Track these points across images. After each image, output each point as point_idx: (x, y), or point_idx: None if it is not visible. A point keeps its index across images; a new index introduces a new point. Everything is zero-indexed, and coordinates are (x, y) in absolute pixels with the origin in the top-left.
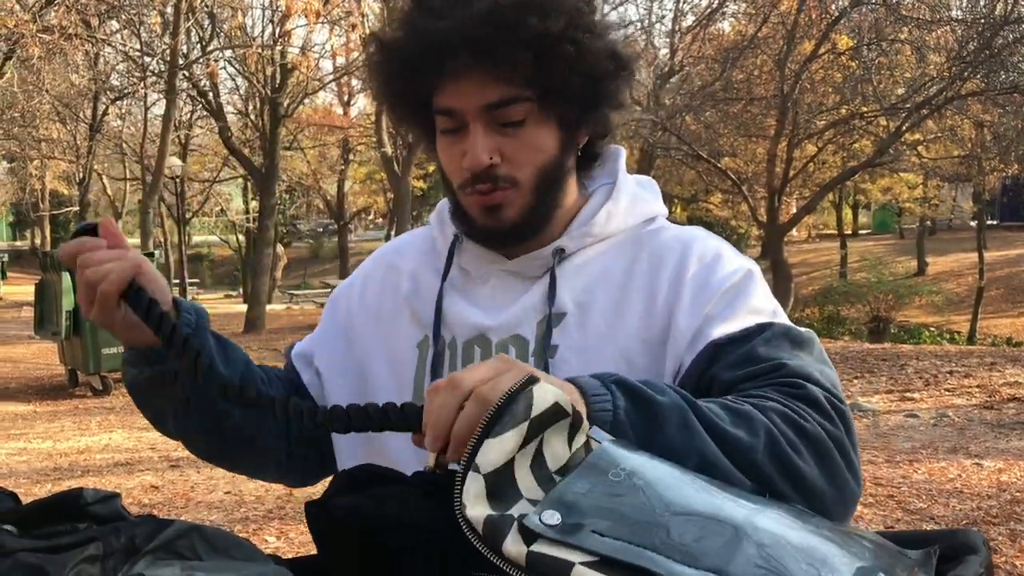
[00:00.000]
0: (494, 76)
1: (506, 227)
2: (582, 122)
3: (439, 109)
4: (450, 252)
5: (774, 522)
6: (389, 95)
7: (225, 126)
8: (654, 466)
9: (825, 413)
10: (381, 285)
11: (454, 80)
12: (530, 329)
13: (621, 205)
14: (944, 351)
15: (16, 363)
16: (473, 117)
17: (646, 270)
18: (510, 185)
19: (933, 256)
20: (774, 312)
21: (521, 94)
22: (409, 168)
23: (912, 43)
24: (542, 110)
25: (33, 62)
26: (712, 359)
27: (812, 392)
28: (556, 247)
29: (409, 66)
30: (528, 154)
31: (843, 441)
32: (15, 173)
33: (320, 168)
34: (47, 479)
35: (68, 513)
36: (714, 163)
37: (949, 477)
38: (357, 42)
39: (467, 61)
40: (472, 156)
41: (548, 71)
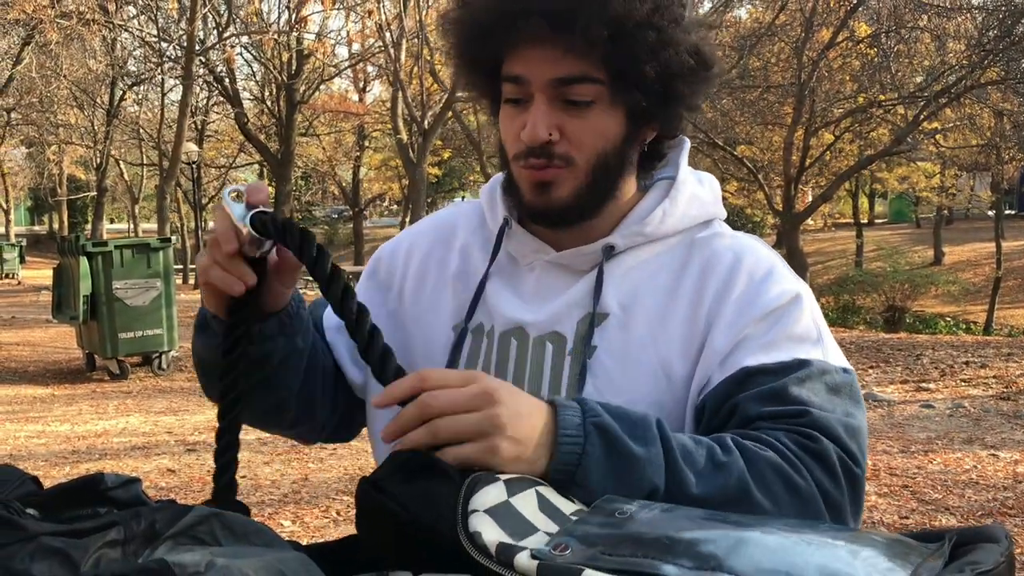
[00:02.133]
0: (567, 50)
1: (554, 207)
2: (652, 117)
3: (507, 76)
4: (499, 236)
5: (780, 531)
6: (461, 57)
7: (241, 112)
8: (656, 505)
9: (831, 472)
10: (427, 254)
11: (527, 48)
12: (570, 327)
13: (679, 206)
14: (960, 341)
15: (35, 347)
16: (539, 88)
17: (695, 278)
18: (565, 164)
19: (950, 246)
20: (816, 341)
21: (592, 74)
22: (424, 155)
23: (931, 31)
24: (612, 95)
25: (51, 48)
26: (741, 385)
27: (824, 449)
28: (606, 244)
29: (484, 28)
30: (589, 137)
31: (840, 504)
32: (33, 158)
33: (335, 154)
34: (65, 462)
35: (89, 497)
36: (730, 151)
37: (965, 468)
38: (373, 28)
39: (543, 30)
40: (531, 129)
41: (625, 54)
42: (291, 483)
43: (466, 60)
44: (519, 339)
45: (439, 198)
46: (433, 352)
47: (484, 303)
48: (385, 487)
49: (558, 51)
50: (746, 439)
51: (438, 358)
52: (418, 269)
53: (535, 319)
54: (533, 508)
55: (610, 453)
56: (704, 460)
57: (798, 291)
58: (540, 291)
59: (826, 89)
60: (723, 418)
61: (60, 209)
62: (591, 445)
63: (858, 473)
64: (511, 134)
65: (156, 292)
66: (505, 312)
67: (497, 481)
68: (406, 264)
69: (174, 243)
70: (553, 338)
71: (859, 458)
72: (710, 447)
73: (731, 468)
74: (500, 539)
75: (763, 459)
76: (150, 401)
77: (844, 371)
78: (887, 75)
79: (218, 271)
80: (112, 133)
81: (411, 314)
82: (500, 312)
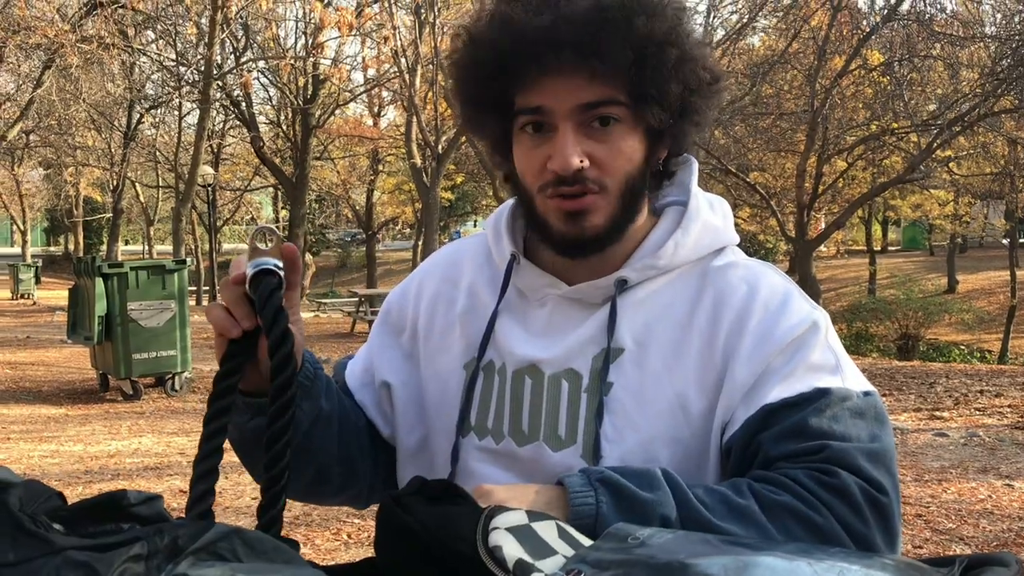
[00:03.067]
0: (592, 76)
1: (589, 234)
2: (667, 134)
3: (526, 108)
4: (507, 272)
5: (792, 556)
6: (468, 92)
7: (257, 136)
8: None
9: (853, 506)
10: (435, 294)
11: (549, 78)
12: (584, 363)
13: (691, 235)
14: (974, 370)
15: (49, 366)
16: (564, 117)
17: (708, 311)
18: (599, 189)
19: (963, 274)
20: (835, 368)
21: (616, 96)
22: (438, 179)
23: (944, 59)
24: (634, 116)
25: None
26: (763, 424)
27: (844, 482)
28: (619, 278)
29: (499, 62)
30: (617, 160)
31: (866, 536)
32: (51, 180)
33: (349, 178)
34: (78, 481)
35: (112, 513)
36: (743, 177)
37: (979, 498)
38: (388, 54)
39: (569, 59)
40: (562, 158)
41: (649, 74)
42: (302, 505)
43: (474, 94)
44: (533, 377)
45: (452, 222)
46: (447, 392)
47: (494, 340)
48: (407, 505)
49: (582, 78)
50: (764, 481)
51: (452, 398)
52: (427, 310)
53: (549, 356)
54: (553, 535)
55: (621, 502)
56: (719, 506)
57: (815, 319)
58: (552, 327)
59: (839, 117)
60: (749, 459)
61: (76, 230)
62: (603, 496)
63: (884, 502)
64: (534, 166)
65: (170, 314)
66: (516, 350)
67: (519, 509)
68: (416, 306)
69: (189, 265)
70: (568, 375)
71: (885, 485)
72: (724, 495)
73: (747, 513)
74: (519, 556)
75: (779, 504)
76: (163, 422)
77: (866, 394)
78: (900, 103)
79: (219, 310)
80: (129, 155)
81: (424, 355)
82: (511, 350)
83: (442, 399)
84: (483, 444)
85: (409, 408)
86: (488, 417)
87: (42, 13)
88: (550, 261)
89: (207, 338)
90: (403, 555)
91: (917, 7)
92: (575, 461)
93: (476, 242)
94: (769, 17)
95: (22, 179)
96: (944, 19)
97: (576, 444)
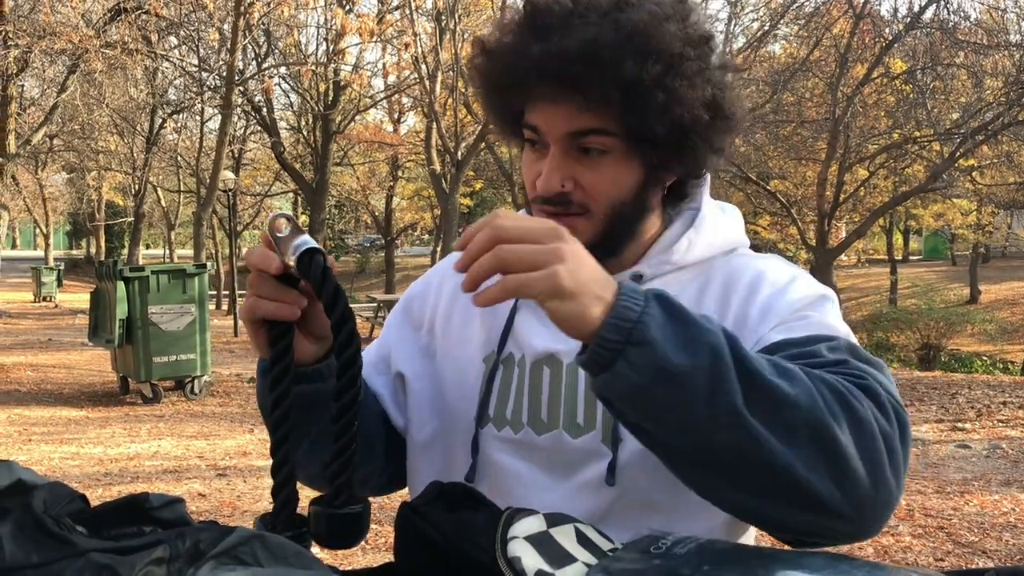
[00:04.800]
0: (581, 107)
1: None
2: (668, 166)
3: (526, 124)
4: None
5: (815, 566)
6: (485, 99)
7: (278, 141)
8: (692, 540)
9: (882, 408)
10: (455, 289)
11: (543, 102)
12: None
13: (703, 235)
14: (997, 381)
15: (70, 369)
16: (554, 141)
17: (717, 294)
18: (582, 212)
19: (986, 284)
20: (846, 334)
21: (606, 127)
22: (457, 185)
23: (968, 68)
24: (626, 147)
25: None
26: (774, 353)
27: (873, 385)
28: (635, 272)
29: (503, 78)
30: (604, 186)
31: (892, 438)
32: (73, 184)
33: (369, 184)
34: (98, 484)
35: (134, 516)
36: (763, 185)
37: (1002, 511)
38: (409, 61)
39: (555, 92)
40: (545, 180)
41: (636, 114)
42: None
43: (491, 105)
44: (551, 367)
45: None
46: (465, 385)
47: (514, 334)
48: (426, 514)
49: (572, 108)
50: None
51: (470, 390)
52: (447, 304)
53: (567, 347)
54: (572, 541)
55: (671, 317)
56: (768, 360)
57: (824, 292)
58: None
59: (861, 125)
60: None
61: (98, 234)
62: (651, 307)
63: (903, 415)
64: (530, 179)
65: (191, 317)
66: (535, 342)
67: (536, 514)
68: (436, 300)
69: (209, 269)
70: None
71: (903, 407)
72: (770, 359)
73: (796, 374)
74: (539, 567)
75: (821, 378)
76: (182, 425)
77: (874, 357)
78: (923, 112)
79: (269, 304)
80: (151, 160)
81: (442, 348)
82: (530, 342)
83: (460, 391)
84: (502, 434)
85: (423, 402)
86: (507, 407)
87: (67, 19)
88: None
89: (226, 342)
90: (422, 563)
91: (940, 15)
92: (595, 447)
93: None
94: (790, 25)
95: (45, 183)
96: (968, 27)
97: (596, 430)
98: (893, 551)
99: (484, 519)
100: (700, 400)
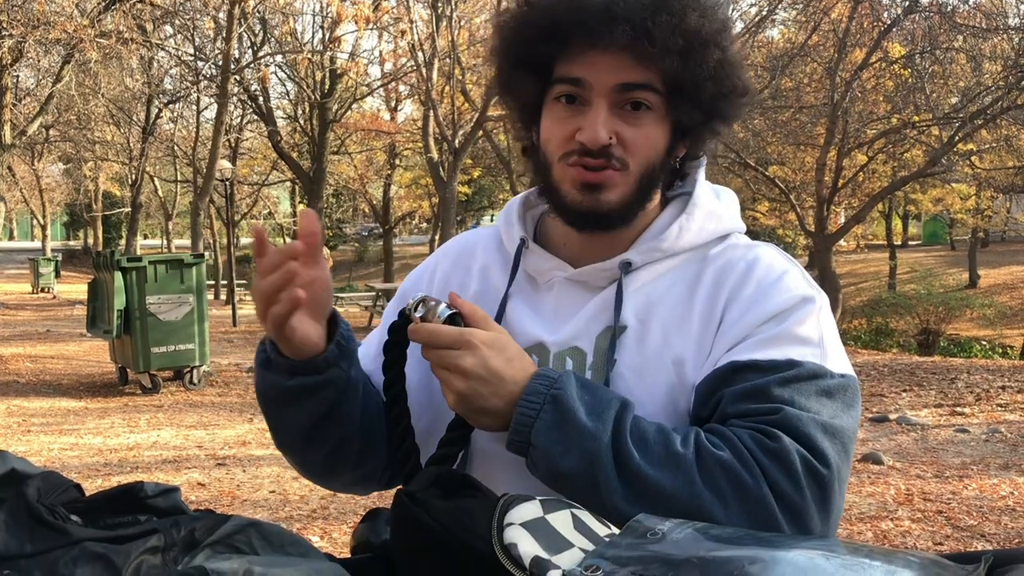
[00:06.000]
0: (637, 58)
1: (602, 208)
2: (691, 133)
3: (565, 77)
4: (516, 257)
5: (813, 551)
6: (512, 52)
7: (275, 130)
8: (688, 524)
9: (790, 472)
10: (448, 278)
11: (596, 52)
12: (589, 342)
13: (695, 221)
14: (996, 365)
15: (69, 360)
16: (600, 93)
17: (708, 288)
18: (621, 167)
19: (985, 268)
20: (817, 344)
21: (655, 83)
22: (455, 173)
23: (967, 51)
24: (667, 107)
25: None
26: (728, 379)
27: (783, 447)
28: (623, 260)
29: (552, 27)
30: (643, 144)
31: (799, 506)
32: (70, 174)
33: (367, 172)
34: (97, 474)
35: (130, 505)
36: (762, 171)
37: (1001, 494)
38: (405, 48)
39: (621, 36)
40: (592, 132)
41: (691, 68)
42: (319, 499)
43: (518, 59)
44: (540, 356)
45: (469, 216)
46: None
47: (505, 323)
48: (422, 501)
49: (626, 59)
50: (710, 434)
51: None
52: (439, 293)
53: (555, 337)
54: (568, 526)
55: (559, 424)
56: (658, 448)
57: (807, 295)
58: (559, 308)
59: (859, 110)
60: (710, 409)
61: (95, 224)
62: (545, 413)
63: (823, 473)
64: (562, 134)
65: (189, 307)
66: (525, 331)
67: (532, 500)
68: (428, 290)
69: (207, 259)
70: (573, 353)
71: (828, 457)
72: (669, 437)
73: (681, 464)
74: (536, 552)
75: (715, 457)
76: (181, 415)
77: (841, 376)
78: (921, 96)
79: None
80: (147, 150)
81: None
82: (520, 331)
83: None
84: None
85: (420, 392)
86: None
87: (61, 8)
88: (560, 245)
89: (225, 332)
90: (418, 550)
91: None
92: None
93: (489, 231)
94: (788, 9)
95: (42, 174)
96: (966, 11)
97: None
98: (892, 535)
99: (480, 506)
100: (588, 496)
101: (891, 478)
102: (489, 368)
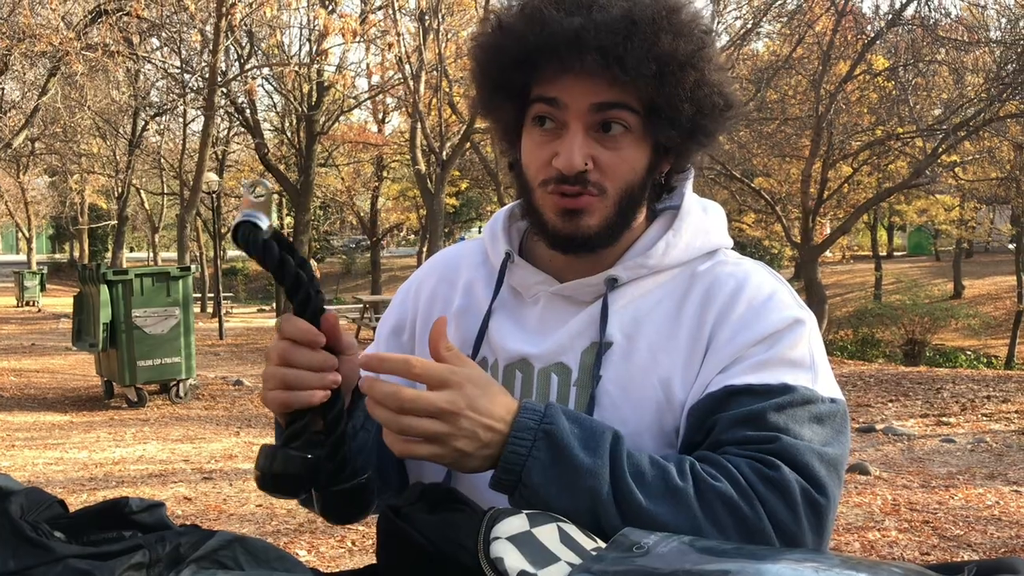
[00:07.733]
0: (611, 82)
1: (582, 233)
2: (673, 151)
3: (542, 97)
4: (501, 271)
5: (798, 563)
6: (488, 76)
7: (262, 143)
8: (674, 537)
9: (789, 502)
10: (432, 293)
11: (570, 76)
12: (573, 358)
13: (682, 237)
14: (981, 375)
15: (54, 374)
16: (576, 115)
17: (696, 306)
18: (598, 192)
19: (970, 279)
20: (809, 368)
21: (630, 103)
22: (442, 185)
23: (949, 64)
24: (644, 128)
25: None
26: (722, 404)
27: (783, 477)
28: (609, 276)
29: (524, 53)
30: (621, 168)
31: (795, 535)
32: (56, 187)
33: (354, 185)
34: (83, 489)
35: (114, 521)
36: (748, 183)
37: (987, 504)
38: (393, 61)
39: (591, 63)
40: (567, 158)
41: (666, 92)
42: (306, 513)
43: (494, 82)
44: (524, 371)
45: (456, 228)
46: None
47: (488, 338)
48: (408, 515)
49: (601, 82)
50: (706, 463)
51: None
52: (425, 309)
53: (539, 351)
54: (555, 540)
55: (554, 463)
56: (657, 482)
57: (798, 317)
58: (544, 323)
59: (844, 122)
60: (704, 434)
61: (81, 237)
62: (538, 450)
63: (822, 503)
64: (539, 160)
65: (175, 321)
66: (508, 346)
67: (519, 513)
68: (414, 306)
69: (193, 272)
70: (557, 369)
71: (827, 488)
72: (666, 470)
73: (681, 497)
74: (522, 566)
75: (714, 490)
76: (167, 429)
77: (832, 401)
78: (905, 108)
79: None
80: (134, 163)
81: (420, 352)
82: (504, 346)
83: None
84: None
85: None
86: None
87: (47, 21)
88: (545, 259)
89: (211, 345)
90: (405, 565)
91: (921, 12)
92: None
93: (474, 245)
94: (773, 22)
95: (27, 186)
96: (949, 24)
97: None
98: (879, 546)
99: (466, 520)
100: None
101: (878, 488)
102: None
